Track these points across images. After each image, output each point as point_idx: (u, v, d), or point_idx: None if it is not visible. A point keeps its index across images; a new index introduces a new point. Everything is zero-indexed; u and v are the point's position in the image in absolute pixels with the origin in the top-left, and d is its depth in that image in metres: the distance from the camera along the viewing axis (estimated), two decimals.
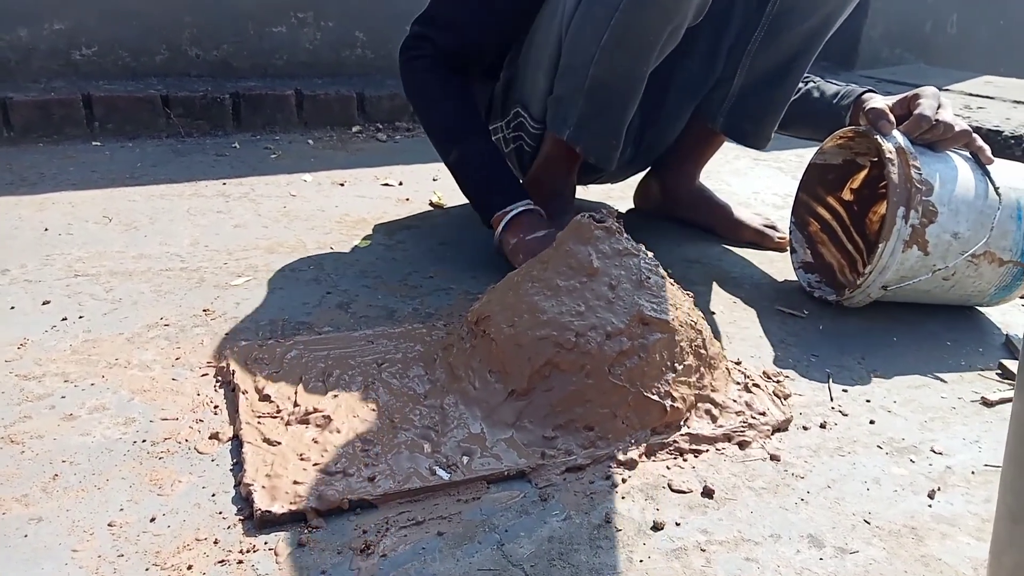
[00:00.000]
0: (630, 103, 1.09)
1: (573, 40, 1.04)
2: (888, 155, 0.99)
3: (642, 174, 1.47)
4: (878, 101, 1.08)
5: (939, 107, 1.04)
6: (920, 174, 0.99)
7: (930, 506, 0.72)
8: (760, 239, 1.35)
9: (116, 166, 1.59)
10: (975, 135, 1.04)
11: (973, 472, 0.78)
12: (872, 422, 0.85)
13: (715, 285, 1.18)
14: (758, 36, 1.18)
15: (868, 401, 0.89)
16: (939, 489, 0.75)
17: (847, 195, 1.22)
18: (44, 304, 0.99)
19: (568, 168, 1.21)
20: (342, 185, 1.56)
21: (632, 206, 1.51)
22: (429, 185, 1.59)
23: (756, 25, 1.18)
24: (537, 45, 1.11)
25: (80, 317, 0.96)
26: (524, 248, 1.06)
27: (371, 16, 2.16)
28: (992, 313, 1.15)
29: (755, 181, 1.78)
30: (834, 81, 1.28)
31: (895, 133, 1.02)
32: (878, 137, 1.01)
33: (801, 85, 1.28)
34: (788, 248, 1.31)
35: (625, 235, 0.86)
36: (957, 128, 1.02)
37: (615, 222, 0.86)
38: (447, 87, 1.16)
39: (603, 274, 0.82)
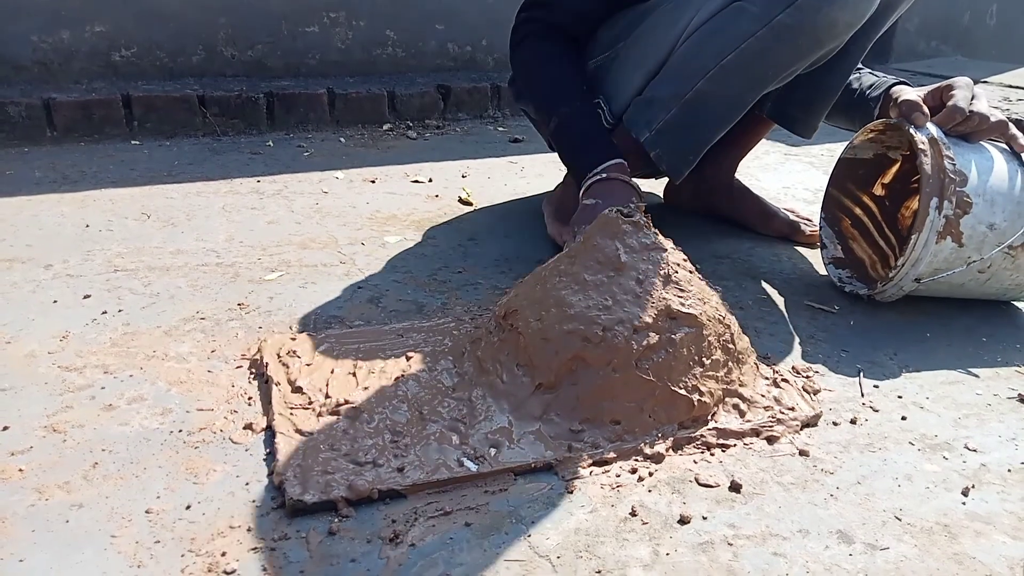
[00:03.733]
0: (722, 128, 1.10)
1: (692, 49, 1.04)
2: (920, 146, 0.98)
3: None
4: (910, 93, 1.06)
5: (973, 98, 1.02)
6: (954, 164, 0.97)
7: (964, 503, 0.71)
8: (792, 232, 1.33)
9: (154, 164, 1.62)
10: (1011, 125, 1.02)
11: (1009, 470, 0.76)
12: (904, 418, 0.84)
13: (744, 280, 1.17)
14: None
15: (900, 397, 0.88)
16: (973, 486, 0.73)
17: (878, 190, 1.20)
18: (85, 298, 1.02)
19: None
20: (373, 182, 1.58)
21: (661, 200, 1.51)
22: (458, 182, 1.60)
23: None
24: (644, 46, 1.11)
25: (119, 311, 0.99)
26: (577, 218, 1.04)
27: (402, 16, 2.18)
28: None
29: (785, 176, 1.76)
30: (874, 72, 1.25)
31: (928, 125, 1.00)
32: (910, 129, 1.00)
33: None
34: (818, 243, 1.29)
35: (653, 229, 0.86)
36: (992, 119, 1.01)
37: (643, 216, 0.86)
38: (550, 57, 1.16)
39: (630, 268, 0.82)
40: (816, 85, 1.22)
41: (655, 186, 1.57)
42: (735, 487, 0.72)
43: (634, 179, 1.09)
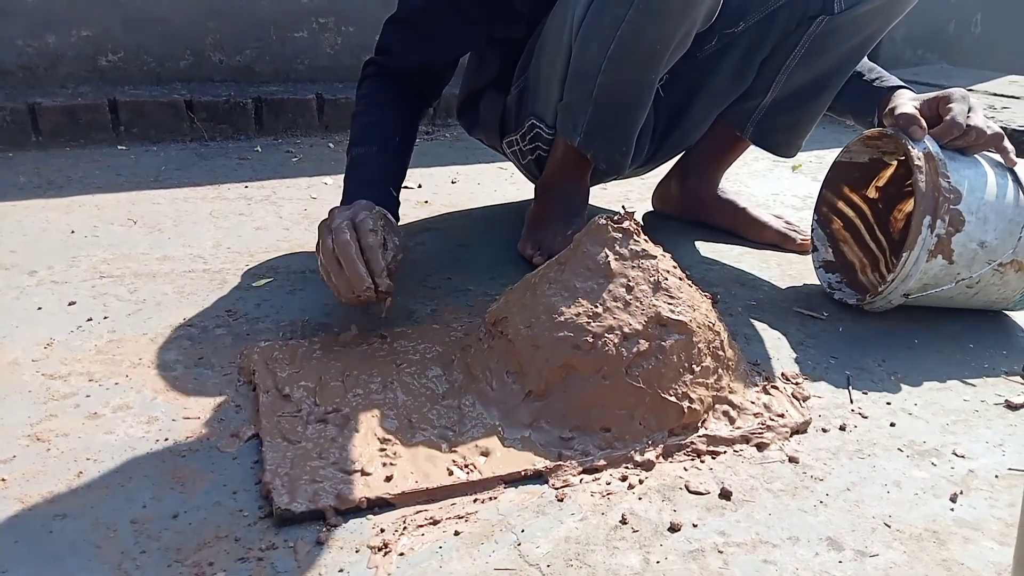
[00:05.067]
0: (640, 111, 1.09)
1: (581, 48, 1.04)
2: (917, 162, 0.97)
3: (661, 176, 1.47)
4: (907, 104, 1.05)
5: (969, 110, 1.02)
6: (949, 182, 0.97)
7: (952, 510, 0.72)
8: (782, 241, 1.34)
9: (141, 170, 1.61)
10: (1005, 138, 1.02)
11: (996, 476, 0.77)
12: (892, 425, 0.84)
13: (734, 287, 1.17)
14: (798, 53, 1.17)
15: (888, 403, 0.88)
16: (961, 493, 0.74)
17: (872, 193, 1.20)
18: (70, 305, 1.01)
19: (580, 172, 1.21)
20: None
21: (650, 208, 1.51)
22: (447, 188, 1.60)
23: (795, 44, 1.16)
24: (549, 55, 1.11)
25: (105, 318, 0.98)
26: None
27: None
28: (1016, 314, 1.13)
29: (774, 183, 1.77)
30: (860, 71, 1.23)
31: (924, 139, 1.00)
32: (906, 143, 0.99)
33: None
34: (809, 250, 1.30)
35: (643, 236, 0.86)
36: (989, 132, 1.00)
37: (633, 223, 0.86)
38: (373, 103, 1.16)
39: (620, 275, 0.82)
40: (799, 112, 1.23)
41: (645, 193, 1.58)
42: (725, 494, 0.72)
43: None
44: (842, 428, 0.83)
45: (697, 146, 1.34)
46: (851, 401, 0.88)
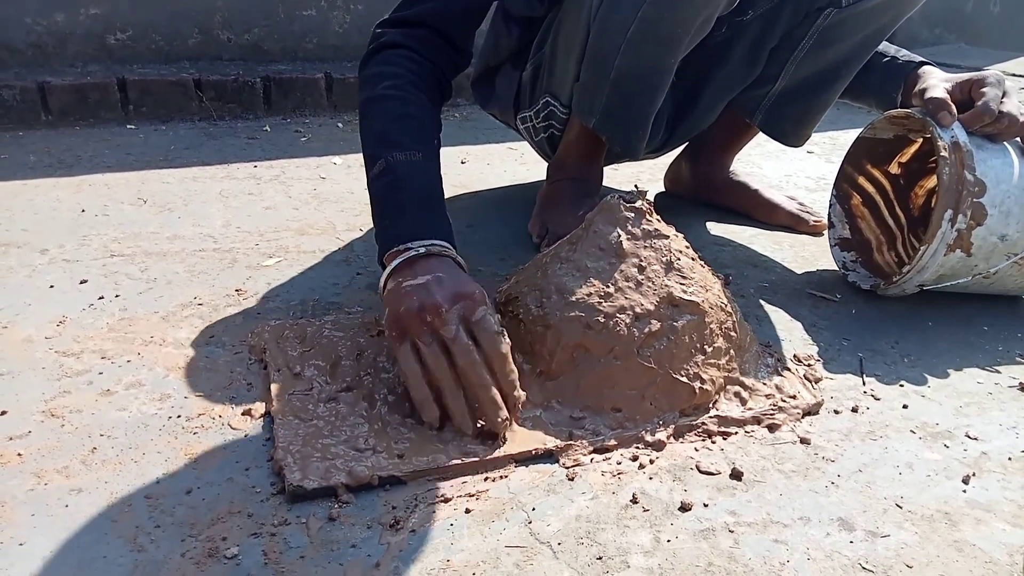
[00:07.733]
0: (657, 94, 1.08)
1: (600, 28, 1.02)
2: (943, 153, 0.95)
3: (673, 155, 1.45)
4: (938, 86, 1.01)
5: (1003, 95, 0.98)
6: (974, 174, 0.94)
7: (964, 491, 0.71)
8: (795, 222, 1.33)
9: (150, 149, 1.61)
10: None
11: (1010, 458, 0.76)
12: (905, 407, 0.84)
13: (746, 267, 1.17)
14: (806, 45, 1.15)
15: (901, 385, 0.88)
16: (974, 474, 0.73)
17: (894, 168, 1.18)
18: (82, 283, 1.01)
19: (594, 152, 1.20)
20: None
21: (662, 188, 1.50)
22: (456, 168, 1.59)
23: (804, 35, 1.14)
24: (566, 32, 1.10)
25: (116, 296, 0.98)
26: (398, 294, 0.76)
27: None
28: None
29: (787, 164, 1.75)
30: (884, 51, 1.19)
31: (953, 125, 0.97)
32: (934, 129, 0.96)
33: None
34: (822, 232, 1.29)
35: (655, 216, 0.85)
36: (1022, 119, 0.97)
37: (645, 203, 0.85)
38: (400, 87, 0.97)
39: (632, 255, 0.81)
40: (808, 102, 1.22)
41: (656, 174, 1.57)
42: (736, 475, 0.71)
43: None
44: (854, 410, 0.83)
45: (707, 131, 1.33)
46: (863, 383, 0.88)
